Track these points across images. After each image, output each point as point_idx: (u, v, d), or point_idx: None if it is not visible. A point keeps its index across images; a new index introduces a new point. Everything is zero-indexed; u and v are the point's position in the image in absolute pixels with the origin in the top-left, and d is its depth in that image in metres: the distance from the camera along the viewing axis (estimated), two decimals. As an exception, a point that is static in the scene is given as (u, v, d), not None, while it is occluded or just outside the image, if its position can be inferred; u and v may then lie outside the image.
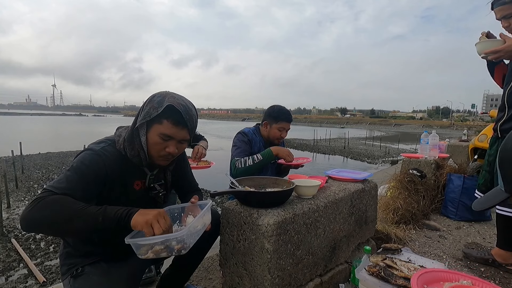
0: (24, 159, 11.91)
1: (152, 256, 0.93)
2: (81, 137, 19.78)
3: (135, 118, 1.08)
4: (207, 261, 1.95)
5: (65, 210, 0.88)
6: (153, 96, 1.08)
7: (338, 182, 1.76)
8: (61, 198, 0.90)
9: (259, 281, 1.18)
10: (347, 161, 16.07)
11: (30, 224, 0.88)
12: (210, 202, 1.17)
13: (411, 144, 25.03)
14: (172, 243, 0.94)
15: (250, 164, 1.83)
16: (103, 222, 0.89)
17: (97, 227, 0.89)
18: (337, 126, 62.28)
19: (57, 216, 0.87)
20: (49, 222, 0.87)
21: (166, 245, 0.93)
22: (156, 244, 0.93)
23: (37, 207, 0.87)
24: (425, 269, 1.10)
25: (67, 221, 0.88)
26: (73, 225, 0.88)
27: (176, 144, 1.09)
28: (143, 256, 0.93)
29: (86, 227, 0.90)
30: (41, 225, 0.88)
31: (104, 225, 0.89)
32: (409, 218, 2.65)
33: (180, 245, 0.94)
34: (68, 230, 0.91)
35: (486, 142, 3.98)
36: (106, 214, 0.90)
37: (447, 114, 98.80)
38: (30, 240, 5.30)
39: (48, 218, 0.87)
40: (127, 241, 0.91)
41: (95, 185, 1.01)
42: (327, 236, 1.44)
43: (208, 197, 1.20)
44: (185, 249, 0.95)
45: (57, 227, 0.89)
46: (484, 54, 1.66)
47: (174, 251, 0.94)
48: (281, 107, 2.09)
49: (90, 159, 1.01)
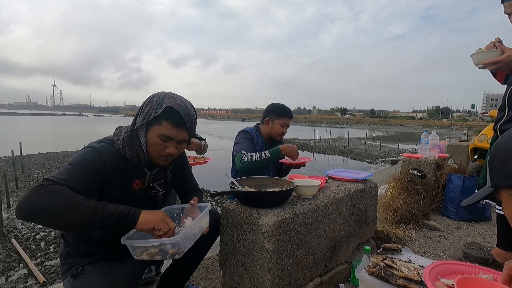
0: (24, 159, 11.92)
1: (147, 258, 0.94)
2: (81, 137, 19.78)
3: (134, 119, 1.08)
4: (207, 261, 1.95)
5: (64, 200, 0.87)
6: (152, 97, 1.07)
7: (338, 182, 1.76)
8: (62, 189, 0.89)
9: (259, 281, 1.18)
10: (347, 161, 16.06)
11: (27, 210, 0.85)
12: (208, 205, 1.18)
13: (411, 144, 25.03)
14: (167, 247, 0.95)
15: (257, 159, 1.80)
16: (102, 217, 0.88)
17: (95, 221, 0.88)
18: (337, 126, 62.27)
19: (56, 204, 0.86)
20: (46, 210, 0.85)
21: (161, 248, 0.94)
22: (151, 247, 0.94)
23: (38, 194, 0.86)
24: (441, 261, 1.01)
25: (65, 211, 0.86)
26: (71, 216, 0.87)
27: (176, 145, 1.10)
28: (138, 258, 0.95)
29: (84, 220, 0.88)
30: (38, 212, 0.86)
31: (102, 220, 0.88)
32: (409, 218, 2.65)
33: (174, 249, 0.95)
34: (64, 221, 0.88)
35: (486, 142, 3.97)
36: (105, 210, 0.90)
37: (447, 114, 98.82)
38: (30, 240, 5.31)
39: (46, 205, 0.85)
40: (123, 241, 0.93)
41: (96, 181, 1.01)
42: (327, 236, 1.44)
43: (208, 198, 1.19)
44: (179, 253, 0.96)
45: (54, 216, 0.87)
46: (482, 65, 1.66)
47: (168, 255, 0.95)
48: (281, 104, 2.12)
49: (92, 155, 1.01)
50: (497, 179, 0.72)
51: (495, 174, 0.73)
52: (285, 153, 1.88)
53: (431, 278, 0.88)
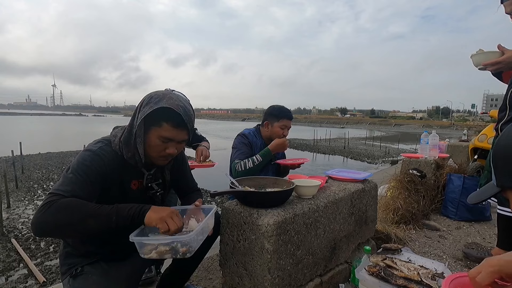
0: (24, 159, 11.92)
1: (155, 256, 0.94)
2: (81, 137, 19.77)
3: (132, 120, 1.07)
4: (207, 261, 1.95)
5: (78, 212, 0.89)
6: (150, 97, 1.05)
7: (338, 182, 1.76)
8: (72, 201, 0.91)
9: (259, 281, 1.18)
10: (347, 161, 16.06)
11: (44, 228, 0.88)
12: (215, 207, 1.18)
13: (411, 144, 25.02)
14: (178, 246, 0.94)
15: (250, 166, 1.84)
16: (117, 221, 0.91)
17: (111, 226, 0.91)
18: (337, 126, 62.26)
19: (71, 218, 0.88)
20: (63, 225, 0.88)
21: (172, 246, 0.94)
22: (162, 244, 0.93)
23: (50, 211, 0.87)
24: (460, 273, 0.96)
25: (81, 222, 0.89)
26: (87, 226, 0.89)
27: (176, 145, 1.10)
28: (146, 256, 0.93)
29: (100, 227, 0.91)
30: (55, 230, 0.90)
31: (117, 223, 0.91)
32: (409, 218, 2.65)
33: (185, 248, 0.95)
34: (82, 231, 0.92)
35: (486, 142, 3.97)
36: (119, 213, 0.92)
37: (447, 114, 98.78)
38: (30, 240, 5.31)
39: (62, 221, 0.88)
40: (131, 238, 0.92)
41: (98, 184, 1.01)
42: (327, 236, 1.44)
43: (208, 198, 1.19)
44: (190, 252, 0.96)
45: (71, 229, 0.90)
46: (482, 66, 1.67)
47: (179, 253, 0.95)
48: (281, 106, 2.11)
49: (91, 160, 1.01)
50: (501, 178, 0.72)
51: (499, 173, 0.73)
52: (276, 150, 1.88)
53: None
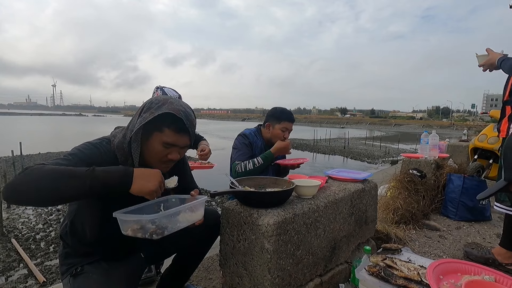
0: (24, 159, 11.91)
1: (131, 233, 0.95)
2: (81, 137, 19.71)
3: (131, 124, 1.05)
4: (207, 261, 1.95)
5: (52, 171, 0.86)
6: (151, 103, 1.04)
7: (338, 182, 1.76)
8: (51, 165, 0.88)
9: (259, 281, 1.18)
10: (347, 161, 16.06)
11: (14, 188, 0.84)
12: (204, 197, 1.15)
13: (411, 144, 25.01)
14: (148, 225, 0.95)
15: (251, 168, 1.84)
16: (92, 180, 0.87)
17: (85, 184, 0.86)
18: (337, 126, 62.25)
19: (44, 177, 0.84)
20: (34, 184, 0.84)
21: (142, 225, 0.95)
22: (133, 221, 0.95)
23: (24, 173, 0.85)
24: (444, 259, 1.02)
25: (53, 180, 0.85)
26: (60, 184, 0.85)
27: (179, 150, 1.09)
28: (124, 233, 0.96)
29: (75, 187, 0.86)
30: (26, 189, 0.84)
31: (92, 181, 0.87)
32: (409, 218, 2.65)
33: (153, 228, 0.95)
34: (54, 189, 0.86)
35: (486, 142, 3.97)
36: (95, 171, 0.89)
37: (447, 114, 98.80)
38: (30, 240, 5.31)
39: (34, 180, 0.84)
40: (114, 214, 0.94)
41: None
42: (327, 236, 1.44)
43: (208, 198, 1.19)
44: (157, 234, 0.95)
45: (43, 188, 0.85)
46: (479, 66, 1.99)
47: (147, 233, 0.95)
48: (283, 108, 2.11)
49: (89, 149, 1.02)
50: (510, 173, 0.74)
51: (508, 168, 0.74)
52: (278, 153, 1.87)
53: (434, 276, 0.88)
